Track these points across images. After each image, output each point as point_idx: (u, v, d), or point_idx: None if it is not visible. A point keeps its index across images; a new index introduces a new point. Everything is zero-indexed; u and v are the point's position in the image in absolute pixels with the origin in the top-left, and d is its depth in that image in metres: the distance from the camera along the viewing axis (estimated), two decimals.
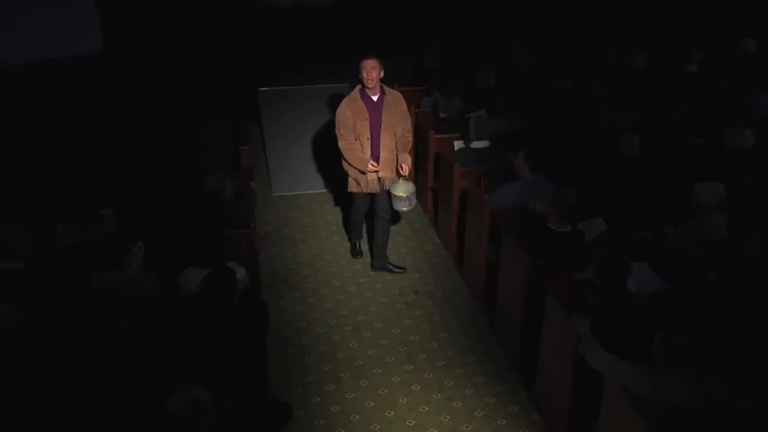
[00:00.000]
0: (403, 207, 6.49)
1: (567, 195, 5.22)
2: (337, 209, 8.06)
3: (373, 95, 6.24)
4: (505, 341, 5.77)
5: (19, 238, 4.69)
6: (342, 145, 6.34)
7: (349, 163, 6.39)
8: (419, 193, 8.12)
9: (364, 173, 6.36)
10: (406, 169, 6.40)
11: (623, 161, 6.29)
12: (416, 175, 8.31)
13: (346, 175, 6.53)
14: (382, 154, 6.33)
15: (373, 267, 6.94)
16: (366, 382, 5.48)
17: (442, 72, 8.77)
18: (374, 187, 6.44)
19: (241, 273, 4.92)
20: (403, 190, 6.40)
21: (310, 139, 8.35)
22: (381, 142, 6.30)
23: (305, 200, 8.30)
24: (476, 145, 6.86)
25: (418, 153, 7.95)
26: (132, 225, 5.48)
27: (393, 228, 7.59)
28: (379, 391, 5.38)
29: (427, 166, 7.63)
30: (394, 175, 6.42)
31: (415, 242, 7.42)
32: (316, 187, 8.50)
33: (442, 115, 7.64)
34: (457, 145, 7.12)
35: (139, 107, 8.56)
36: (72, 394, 3.95)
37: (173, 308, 4.65)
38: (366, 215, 6.94)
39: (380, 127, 6.26)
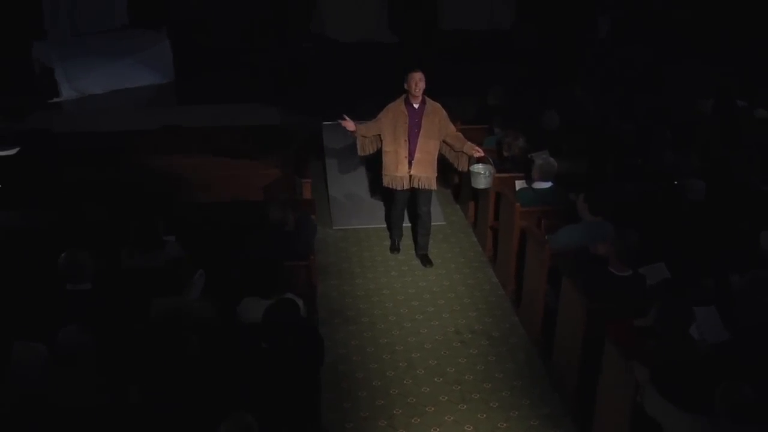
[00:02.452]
0: (480, 185, 7.27)
1: (628, 238, 5.14)
2: None
3: (415, 103, 7.03)
4: (561, 385, 5.67)
5: (85, 261, 4.81)
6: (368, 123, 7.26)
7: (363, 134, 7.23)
8: (479, 233, 8.12)
9: (395, 169, 7.13)
10: (480, 151, 7.21)
11: (687, 206, 6.18)
12: (476, 213, 8.32)
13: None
14: (417, 155, 7.09)
15: (417, 254, 7.74)
16: (419, 420, 5.43)
17: (505, 111, 8.77)
18: (405, 184, 7.19)
19: (299, 305, 4.95)
20: (481, 168, 7.20)
21: (371, 173, 8.42)
22: (418, 145, 7.06)
23: (365, 234, 8.34)
24: (539, 185, 6.82)
25: (479, 190, 7.94)
26: (194, 252, 5.57)
27: (451, 266, 7.61)
28: (432, 430, 5.32)
29: (488, 205, 7.61)
30: (429, 175, 7.16)
31: (473, 281, 7.38)
32: (376, 221, 8.52)
33: (505, 154, 7.63)
34: (519, 184, 7.10)
35: (206, 137, 8.76)
36: (129, 414, 4.02)
37: (231, 336, 4.70)
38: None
39: (418, 131, 7.04)
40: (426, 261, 7.59)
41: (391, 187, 7.30)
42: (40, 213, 6.75)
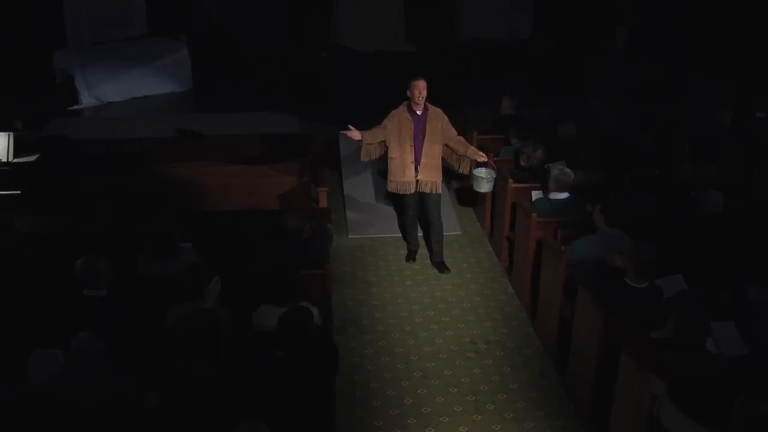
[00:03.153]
0: (482, 188, 7.49)
1: (645, 250, 5.11)
2: None
3: (418, 110, 7.15)
4: (576, 397, 5.64)
5: (101, 267, 4.84)
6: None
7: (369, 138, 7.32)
8: (495, 243, 8.10)
9: (402, 174, 7.23)
10: (483, 155, 7.33)
11: (705, 217, 6.14)
12: (492, 224, 8.31)
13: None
14: (423, 160, 7.21)
15: (433, 262, 7.78)
16: (432, 430, 5.42)
17: (522, 121, 8.75)
18: (412, 189, 7.29)
19: (314, 313, 4.95)
20: (484, 172, 7.38)
21: (387, 182, 8.41)
22: (423, 150, 7.18)
23: (380, 243, 8.33)
24: (555, 196, 6.80)
25: (495, 200, 7.92)
26: (209, 259, 5.59)
27: (467, 276, 7.59)
28: None
29: (504, 215, 7.59)
30: (435, 179, 7.26)
31: (489, 291, 7.36)
32: (391, 230, 8.52)
33: (522, 164, 7.62)
34: (535, 195, 7.08)
35: (223, 145, 8.80)
36: (144, 420, 4.04)
37: (246, 343, 4.70)
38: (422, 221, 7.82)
39: (423, 137, 7.16)
40: (442, 267, 7.59)
41: (398, 192, 7.39)
42: (59, 218, 6.80)
